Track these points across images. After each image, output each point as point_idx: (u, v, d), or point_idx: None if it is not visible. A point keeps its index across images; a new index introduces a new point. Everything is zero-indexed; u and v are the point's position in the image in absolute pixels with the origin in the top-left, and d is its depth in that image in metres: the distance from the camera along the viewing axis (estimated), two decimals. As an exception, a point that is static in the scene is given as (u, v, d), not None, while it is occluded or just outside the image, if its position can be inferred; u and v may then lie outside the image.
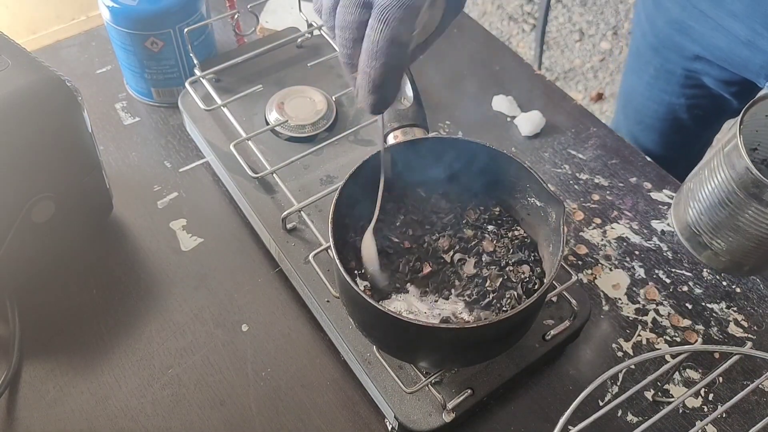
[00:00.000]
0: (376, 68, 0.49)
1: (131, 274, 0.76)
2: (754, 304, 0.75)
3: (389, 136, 0.67)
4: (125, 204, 0.81)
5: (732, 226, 0.66)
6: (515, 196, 0.67)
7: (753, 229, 0.64)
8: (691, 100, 0.96)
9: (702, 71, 0.89)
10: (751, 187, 0.62)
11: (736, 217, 0.65)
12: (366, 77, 0.50)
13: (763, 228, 0.64)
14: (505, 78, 0.97)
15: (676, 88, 0.96)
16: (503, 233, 0.68)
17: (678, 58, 0.91)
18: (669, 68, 0.94)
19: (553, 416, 0.64)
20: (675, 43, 0.89)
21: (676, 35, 0.88)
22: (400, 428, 0.63)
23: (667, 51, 0.92)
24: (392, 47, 0.49)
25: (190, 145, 0.87)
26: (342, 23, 0.50)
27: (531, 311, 0.60)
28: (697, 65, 0.89)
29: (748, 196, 0.63)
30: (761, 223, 0.64)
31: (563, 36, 2.51)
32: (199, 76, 0.83)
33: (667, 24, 0.89)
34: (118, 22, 0.82)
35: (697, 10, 0.82)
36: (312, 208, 0.74)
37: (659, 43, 0.92)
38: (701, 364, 0.71)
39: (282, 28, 0.93)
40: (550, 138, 0.90)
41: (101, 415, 0.66)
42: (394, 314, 0.55)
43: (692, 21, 0.84)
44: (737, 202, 0.64)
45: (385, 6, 0.48)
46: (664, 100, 0.98)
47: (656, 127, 1.04)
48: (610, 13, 2.59)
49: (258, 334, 0.72)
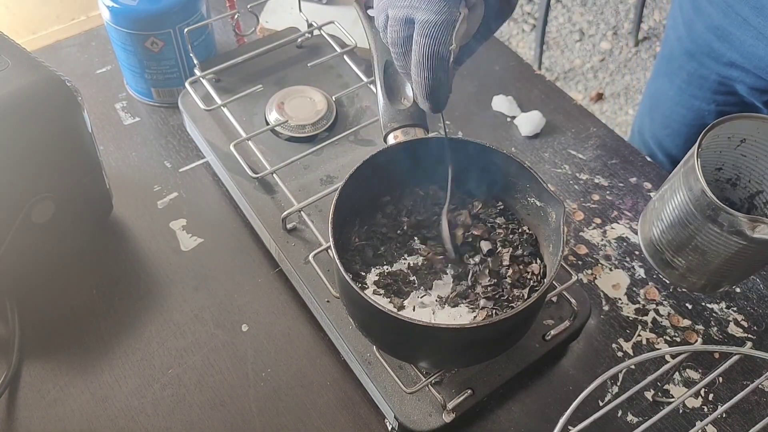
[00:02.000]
0: (425, 78, 0.57)
1: (131, 274, 0.76)
2: (754, 304, 0.75)
3: (389, 136, 0.67)
4: (125, 204, 0.81)
5: (692, 246, 0.66)
6: (515, 196, 0.67)
7: (711, 249, 0.64)
8: (721, 106, 0.95)
9: (736, 78, 0.89)
10: (706, 209, 0.62)
11: (695, 238, 0.65)
12: (418, 86, 0.58)
13: (721, 249, 0.64)
14: (505, 78, 0.97)
15: (707, 94, 0.95)
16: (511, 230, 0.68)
17: (714, 63, 0.91)
18: (703, 74, 0.93)
19: (553, 416, 0.64)
20: (713, 49, 0.89)
21: (714, 41, 0.88)
22: (400, 428, 0.63)
23: (703, 56, 0.91)
24: (434, 59, 0.56)
25: (190, 145, 0.87)
26: (392, 40, 0.58)
27: (531, 311, 0.60)
28: (733, 72, 0.89)
29: (704, 218, 0.63)
30: (718, 244, 0.63)
31: (563, 36, 2.51)
32: (199, 76, 0.83)
33: (706, 29, 0.88)
34: (118, 22, 0.82)
35: (740, 17, 0.82)
36: (312, 208, 0.74)
37: (696, 48, 0.92)
38: (701, 364, 0.71)
39: (282, 28, 0.93)
40: (550, 138, 0.90)
41: (101, 415, 0.66)
42: (394, 314, 0.55)
43: (733, 28, 0.84)
44: (695, 223, 0.64)
45: (424, 22, 0.55)
46: (694, 105, 0.98)
47: (683, 132, 1.03)
48: (610, 13, 2.59)
49: (258, 334, 0.72)
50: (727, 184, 0.72)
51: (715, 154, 0.70)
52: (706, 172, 0.69)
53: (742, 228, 0.60)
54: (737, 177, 0.71)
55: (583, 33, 2.52)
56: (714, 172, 0.72)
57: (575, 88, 2.35)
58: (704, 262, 0.66)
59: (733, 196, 0.72)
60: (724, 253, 0.64)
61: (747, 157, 0.69)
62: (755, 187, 0.70)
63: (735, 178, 0.71)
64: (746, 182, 0.70)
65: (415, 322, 0.55)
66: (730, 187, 0.72)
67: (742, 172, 0.70)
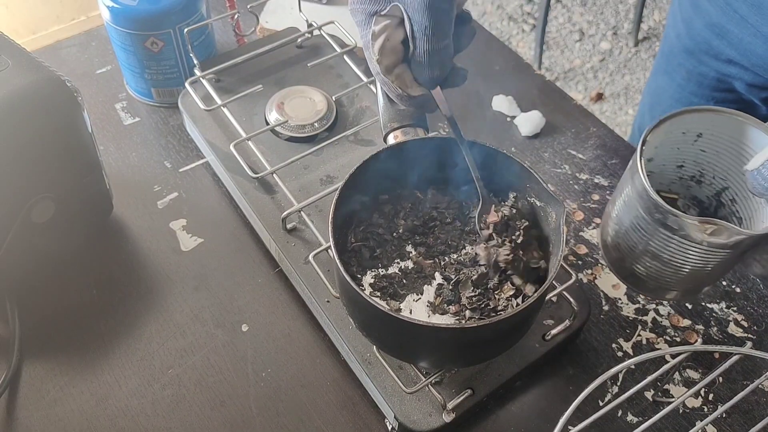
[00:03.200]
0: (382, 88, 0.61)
1: (131, 274, 0.76)
2: (754, 304, 0.75)
3: (389, 136, 0.67)
4: (125, 204, 0.81)
5: (647, 252, 0.61)
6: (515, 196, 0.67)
7: (666, 255, 0.59)
8: (720, 104, 0.95)
9: (735, 75, 0.89)
10: (654, 212, 0.57)
11: (648, 243, 0.60)
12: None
13: (677, 254, 0.58)
14: (505, 78, 0.97)
15: (706, 91, 0.95)
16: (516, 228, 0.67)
17: (712, 61, 0.91)
18: (702, 71, 0.94)
19: (553, 416, 0.64)
20: (711, 46, 0.89)
21: (713, 39, 0.88)
22: (400, 428, 0.63)
23: (702, 54, 0.92)
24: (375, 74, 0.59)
25: (190, 145, 0.87)
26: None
27: (531, 311, 0.60)
28: (731, 69, 0.89)
29: (654, 222, 0.58)
30: (673, 249, 0.58)
31: (563, 36, 2.51)
32: (199, 76, 0.83)
33: (705, 27, 0.89)
34: (118, 22, 0.82)
35: (738, 15, 0.82)
36: (312, 208, 0.74)
37: (695, 45, 0.92)
38: (701, 364, 0.71)
39: (282, 28, 0.93)
40: (550, 138, 0.90)
41: (101, 415, 0.66)
42: (394, 314, 0.55)
43: (731, 25, 0.84)
44: (646, 227, 0.59)
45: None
46: (693, 103, 0.98)
47: None
48: (610, 13, 2.59)
49: (258, 334, 0.72)
50: (692, 181, 0.67)
51: (673, 150, 0.65)
52: (667, 170, 0.66)
53: (693, 231, 0.55)
54: (701, 174, 0.66)
55: (583, 33, 2.52)
56: (676, 170, 0.67)
57: (575, 88, 2.35)
58: (663, 268, 0.61)
59: (700, 194, 0.67)
60: (683, 259, 0.59)
61: (707, 152, 0.64)
62: (720, 183, 0.65)
63: (699, 174, 0.66)
64: (711, 179, 0.66)
65: (415, 322, 0.55)
66: (696, 185, 0.67)
67: (705, 169, 0.66)
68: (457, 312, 0.62)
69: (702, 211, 0.67)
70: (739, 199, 0.63)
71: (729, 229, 0.53)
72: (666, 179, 0.67)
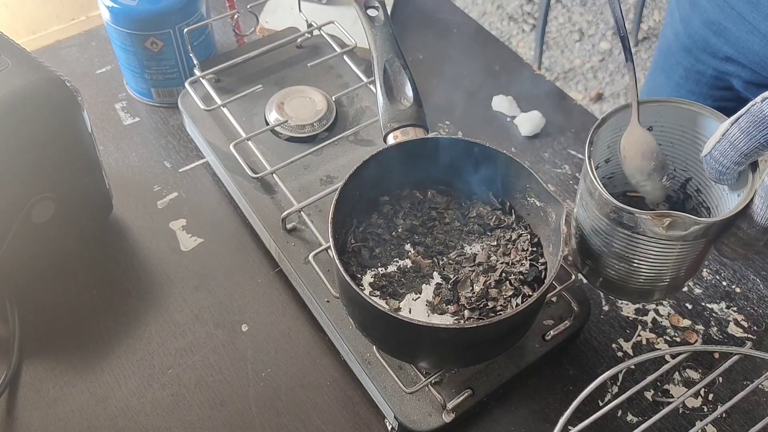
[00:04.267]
0: None
1: (131, 274, 0.76)
2: (754, 304, 0.75)
3: (389, 136, 0.67)
4: (125, 204, 0.81)
5: (612, 254, 0.59)
6: (515, 196, 0.67)
7: (630, 254, 0.57)
8: (718, 102, 0.95)
9: (732, 73, 0.89)
10: (609, 211, 0.55)
11: (611, 245, 0.58)
12: None
13: (641, 252, 0.56)
14: (505, 78, 0.97)
15: (704, 89, 0.95)
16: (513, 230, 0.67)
17: (710, 58, 0.91)
18: (699, 69, 0.94)
19: (553, 416, 0.64)
20: (709, 44, 0.89)
21: (710, 36, 0.88)
22: (400, 428, 0.63)
23: (700, 51, 0.91)
24: None
25: (190, 145, 0.87)
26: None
27: (531, 311, 0.60)
28: (729, 67, 0.89)
29: (611, 221, 0.56)
30: (635, 247, 0.56)
31: (563, 36, 2.51)
32: (199, 77, 0.83)
33: (702, 25, 0.89)
34: (117, 22, 0.82)
35: (735, 12, 0.82)
36: (312, 208, 0.74)
37: (692, 43, 0.92)
38: (701, 364, 0.71)
39: (282, 28, 0.93)
40: (550, 138, 0.90)
41: (101, 415, 0.66)
42: (393, 314, 0.55)
43: (728, 23, 0.84)
44: (605, 228, 0.57)
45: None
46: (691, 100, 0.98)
47: None
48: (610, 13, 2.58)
49: (258, 334, 0.72)
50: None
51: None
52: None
53: (651, 227, 0.53)
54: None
55: (583, 33, 2.52)
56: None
57: (575, 88, 2.35)
58: (633, 269, 0.59)
59: (667, 189, 0.65)
60: (648, 256, 0.57)
61: (662, 144, 0.62)
62: (682, 174, 0.63)
63: None
64: (672, 171, 0.64)
65: (415, 322, 0.55)
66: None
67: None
68: (456, 312, 0.62)
69: (671, 206, 0.65)
70: (703, 188, 0.62)
71: (685, 219, 0.52)
72: None
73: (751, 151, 0.51)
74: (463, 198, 0.70)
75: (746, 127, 0.50)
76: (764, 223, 0.51)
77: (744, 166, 0.53)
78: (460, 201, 0.69)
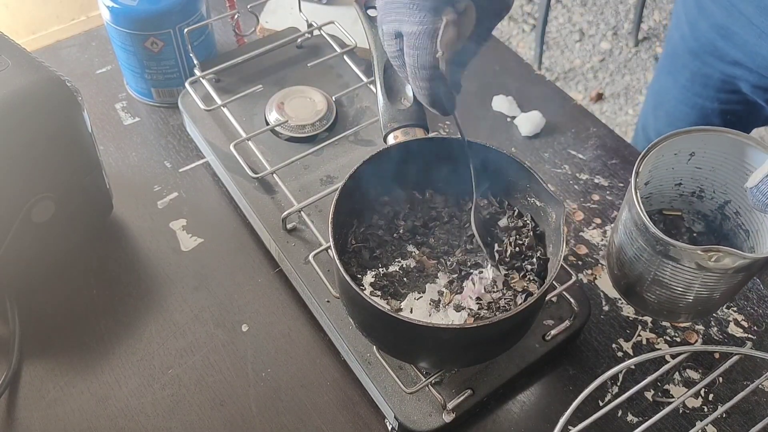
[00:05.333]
0: (420, 87, 0.59)
1: (131, 274, 0.76)
2: (754, 304, 0.75)
3: (389, 136, 0.67)
4: (125, 204, 0.81)
5: (654, 281, 0.60)
6: (515, 196, 0.67)
7: (674, 283, 0.59)
8: (725, 105, 0.95)
9: (740, 77, 0.89)
10: (656, 245, 0.57)
11: (655, 273, 0.59)
12: (419, 95, 0.61)
13: (685, 282, 0.58)
14: (505, 78, 0.97)
15: (711, 92, 0.95)
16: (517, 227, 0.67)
17: (717, 62, 0.90)
18: (706, 72, 0.93)
19: (553, 416, 0.64)
20: (716, 47, 0.89)
21: (718, 40, 0.87)
22: (400, 428, 0.63)
23: (707, 55, 0.91)
24: (424, 69, 0.57)
25: (190, 145, 0.87)
26: (389, 53, 0.61)
27: (531, 311, 0.60)
28: (736, 70, 0.88)
29: (656, 253, 0.57)
30: (680, 277, 0.58)
31: (563, 36, 2.51)
32: (199, 77, 0.83)
33: (710, 28, 0.88)
34: (118, 22, 0.82)
35: (744, 16, 0.82)
36: (312, 208, 0.74)
37: (699, 47, 0.92)
38: (701, 364, 0.71)
39: (282, 28, 0.93)
40: (550, 138, 0.90)
41: (101, 415, 0.66)
42: (393, 314, 0.55)
43: (736, 27, 0.84)
44: (649, 258, 0.59)
45: (408, 34, 0.57)
46: (698, 104, 0.97)
47: None
48: (610, 13, 2.59)
49: (258, 334, 0.72)
50: (693, 197, 0.67)
51: (669, 171, 0.65)
52: (665, 189, 0.66)
53: (698, 260, 0.55)
54: (701, 189, 0.67)
55: (583, 33, 2.52)
56: (674, 188, 0.67)
57: (575, 88, 2.35)
58: (675, 297, 0.61)
59: (704, 208, 0.67)
60: (691, 286, 0.58)
61: (703, 169, 0.65)
62: (721, 197, 0.66)
63: (699, 190, 0.67)
64: (711, 193, 0.66)
65: (415, 322, 0.55)
66: (697, 200, 0.67)
67: (704, 185, 0.66)
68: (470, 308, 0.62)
69: (708, 224, 0.67)
70: (743, 211, 0.64)
71: (733, 254, 0.53)
72: (666, 197, 0.67)
73: None
74: (463, 198, 0.69)
75: None
76: None
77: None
78: (459, 201, 0.69)
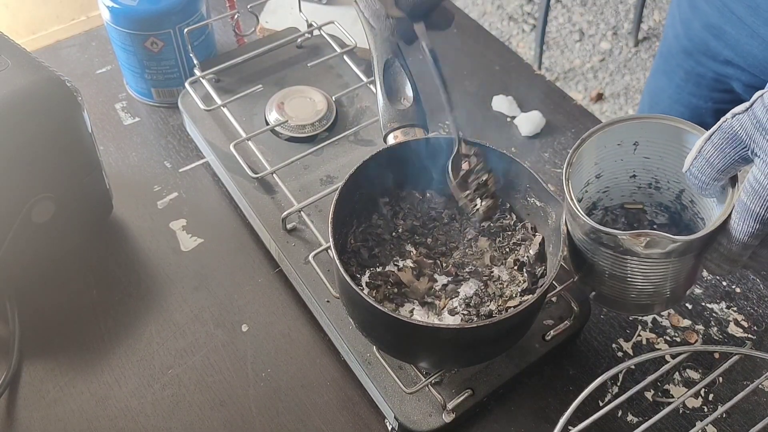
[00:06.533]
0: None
1: (131, 274, 0.76)
2: (754, 304, 0.75)
3: (389, 136, 0.67)
4: (125, 204, 0.81)
5: (603, 272, 0.58)
6: (515, 196, 0.67)
7: (618, 272, 0.56)
8: (718, 104, 0.96)
9: (732, 76, 0.89)
10: (590, 233, 0.55)
11: (599, 263, 0.57)
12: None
13: (627, 270, 0.56)
14: (505, 78, 0.97)
15: (704, 91, 0.95)
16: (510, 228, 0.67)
17: (710, 61, 0.91)
18: (699, 72, 0.94)
19: (553, 416, 0.64)
20: (709, 47, 0.89)
21: (711, 39, 0.88)
22: (400, 428, 0.63)
23: (700, 54, 0.92)
24: None
25: (190, 145, 0.87)
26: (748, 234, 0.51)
27: (531, 311, 0.60)
28: (729, 70, 0.89)
29: (593, 242, 0.55)
30: (621, 265, 0.55)
31: (563, 36, 2.51)
32: (199, 77, 0.83)
33: (702, 28, 0.89)
34: (118, 22, 0.82)
35: (735, 16, 0.82)
36: (312, 208, 0.74)
37: (693, 46, 0.92)
38: (701, 364, 0.71)
39: (282, 28, 0.93)
40: (550, 138, 0.90)
41: (101, 415, 0.66)
42: (393, 314, 0.55)
43: (728, 26, 0.84)
44: (590, 248, 0.57)
45: None
46: (692, 103, 0.98)
47: None
48: (610, 13, 2.59)
49: (258, 334, 0.72)
50: (651, 188, 0.65)
51: (618, 162, 0.63)
52: (621, 182, 0.64)
53: (630, 246, 0.53)
54: (656, 180, 0.64)
55: (583, 33, 2.52)
56: (630, 180, 0.65)
57: (575, 88, 2.35)
58: (626, 288, 0.58)
59: (663, 199, 0.65)
60: (635, 274, 0.56)
61: (651, 159, 0.62)
62: (676, 186, 0.63)
63: (654, 181, 0.64)
64: (666, 183, 0.64)
65: (414, 322, 0.55)
66: (656, 191, 0.65)
67: (657, 175, 0.63)
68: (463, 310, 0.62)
69: (671, 216, 0.65)
70: (696, 199, 0.62)
71: (662, 238, 0.52)
72: (626, 191, 0.65)
73: (727, 167, 0.51)
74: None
75: (719, 144, 0.50)
76: (742, 238, 0.51)
77: (723, 181, 0.52)
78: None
